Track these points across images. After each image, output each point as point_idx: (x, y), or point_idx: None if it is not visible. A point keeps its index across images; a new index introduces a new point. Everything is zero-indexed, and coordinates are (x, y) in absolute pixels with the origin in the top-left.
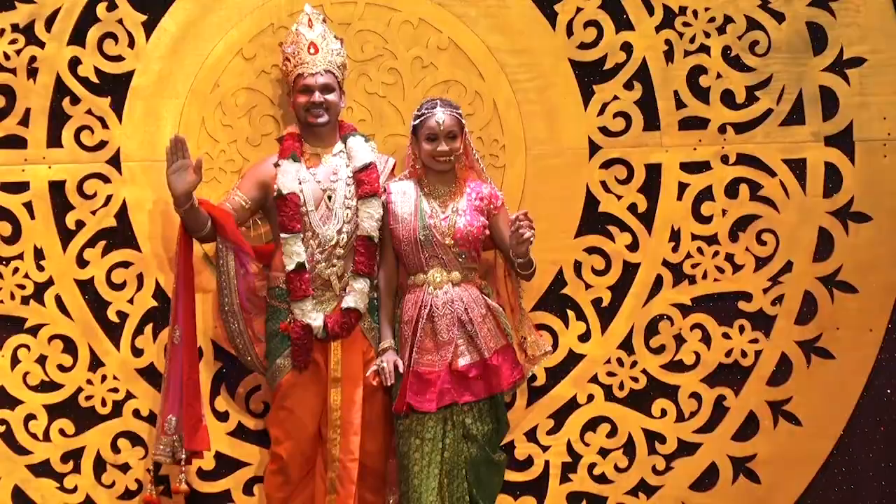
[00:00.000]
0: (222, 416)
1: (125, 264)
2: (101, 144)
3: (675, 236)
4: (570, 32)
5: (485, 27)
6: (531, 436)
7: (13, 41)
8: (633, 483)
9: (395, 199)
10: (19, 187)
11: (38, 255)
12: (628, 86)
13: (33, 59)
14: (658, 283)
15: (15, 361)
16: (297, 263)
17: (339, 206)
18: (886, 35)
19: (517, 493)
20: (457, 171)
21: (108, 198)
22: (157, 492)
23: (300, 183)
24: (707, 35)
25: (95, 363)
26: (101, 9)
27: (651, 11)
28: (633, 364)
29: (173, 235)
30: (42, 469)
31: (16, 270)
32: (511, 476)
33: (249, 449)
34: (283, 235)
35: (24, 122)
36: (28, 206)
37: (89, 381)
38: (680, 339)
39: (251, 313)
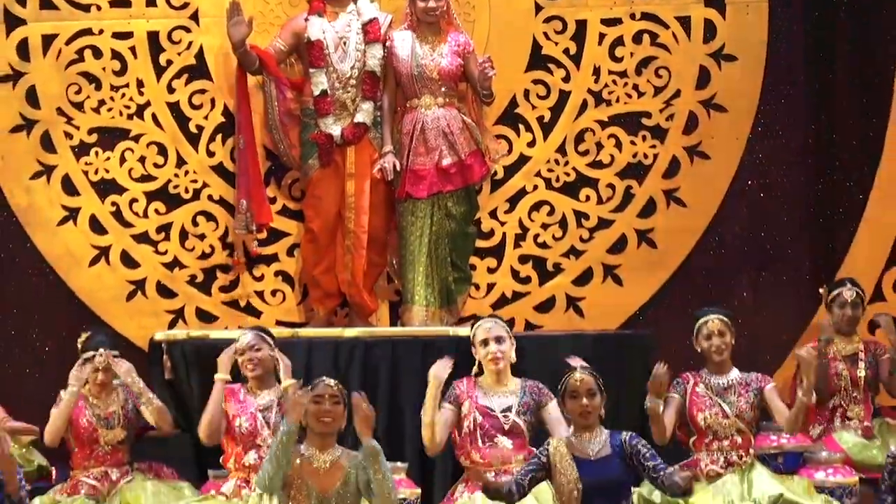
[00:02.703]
0: (271, 200)
1: (202, 91)
2: (185, 5)
3: (596, 71)
4: None
5: None
6: (493, 214)
7: None
8: (565, 248)
9: (397, 44)
10: (126, 35)
11: (139, 84)
12: None
13: None
14: (584, 105)
15: (122, 160)
16: (322, 90)
17: (352, 49)
18: None
19: (483, 255)
20: (441, 25)
21: (190, 43)
22: (238, 257)
23: (324, 32)
24: None
25: (180, 162)
26: None
27: None
28: (566, 163)
29: (234, 71)
30: (142, 238)
31: (123, 95)
32: (479, 243)
33: (290, 223)
34: (311, 70)
35: None
36: (132, 49)
37: (176, 175)
38: (599, 146)
39: (288, 126)
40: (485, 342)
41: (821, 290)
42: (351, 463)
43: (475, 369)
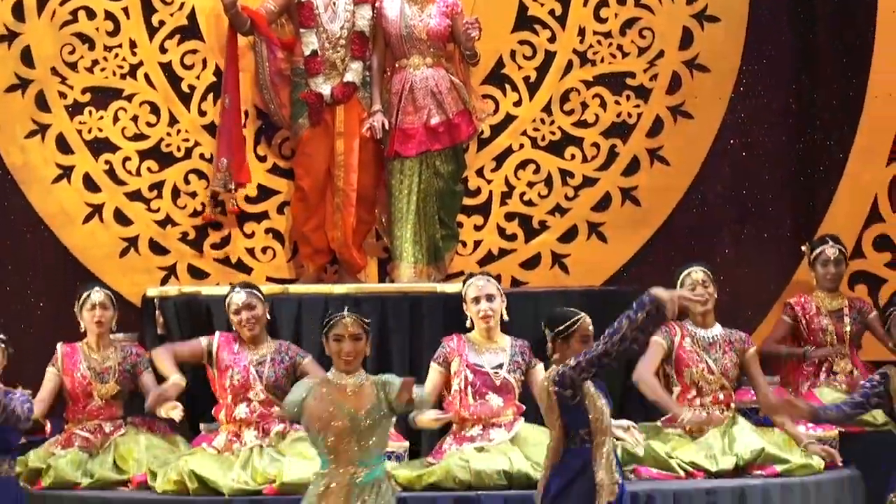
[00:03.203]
0: (262, 159)
1: (193, 51)
2: None
3: (581, 32)
4: None
5: None
6: (480, 173)
7: None
8: (551, 206)
9: (386, 4)
10: None
11: (132, 44)
12: None
13: None
14: (569, 66)
15: (115, 120)
16: (312, 50)
17: (341, 9)
18: None
19: (470, 213)
20: None
21: (182, 4)
22: (215, 212)
23: None
24: None
25: (172, 121)
26: None
27: None
28: (552, 122)
29: (225, 31)
30: (135, 196)
31: (116, 55)
32: (466, 201)
33: (280, 182)
34: (301, 30)
35: None
36: (125, 10)
37: (168, 134)
38: (585, 105)
39: (278, 86)
40: (476, 300)
41: (803, 248)
42: (377, 384)
43: (469, 324)
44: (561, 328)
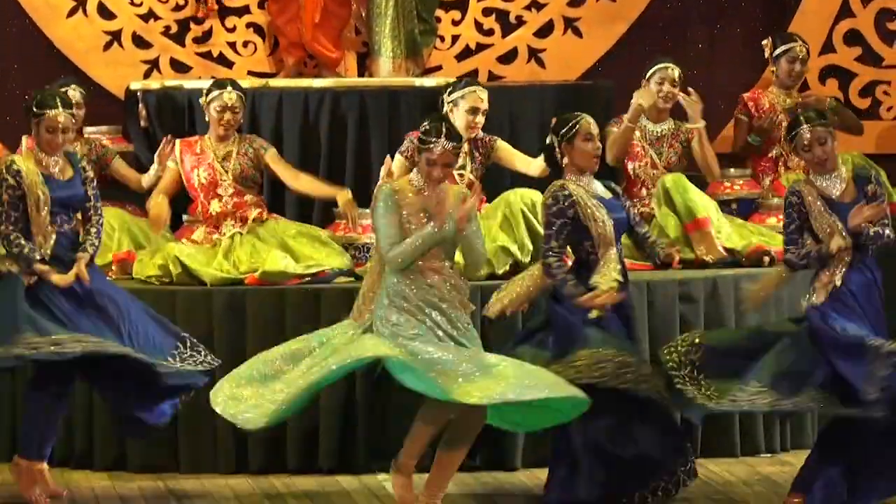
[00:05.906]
0: None
1: None
2: None
3: None
4: None
5: None
6: None
7: None
8: (527, 1)
9: None
10: None
11: None
12: None
13: None
14: None
15: None
16: None
17: None
18: None
19: (448, 8)
20: None
21: None
22: (203, 8)
23: None
24: None
25: None
26: None
27: None
28: None
29: None
30: None
31: None
32: None
33: None
34: None
35: None
36: None
37: None
38: None
39: None
40: (473, 111)
41: (764, 43)
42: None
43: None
44: (564, 130)
